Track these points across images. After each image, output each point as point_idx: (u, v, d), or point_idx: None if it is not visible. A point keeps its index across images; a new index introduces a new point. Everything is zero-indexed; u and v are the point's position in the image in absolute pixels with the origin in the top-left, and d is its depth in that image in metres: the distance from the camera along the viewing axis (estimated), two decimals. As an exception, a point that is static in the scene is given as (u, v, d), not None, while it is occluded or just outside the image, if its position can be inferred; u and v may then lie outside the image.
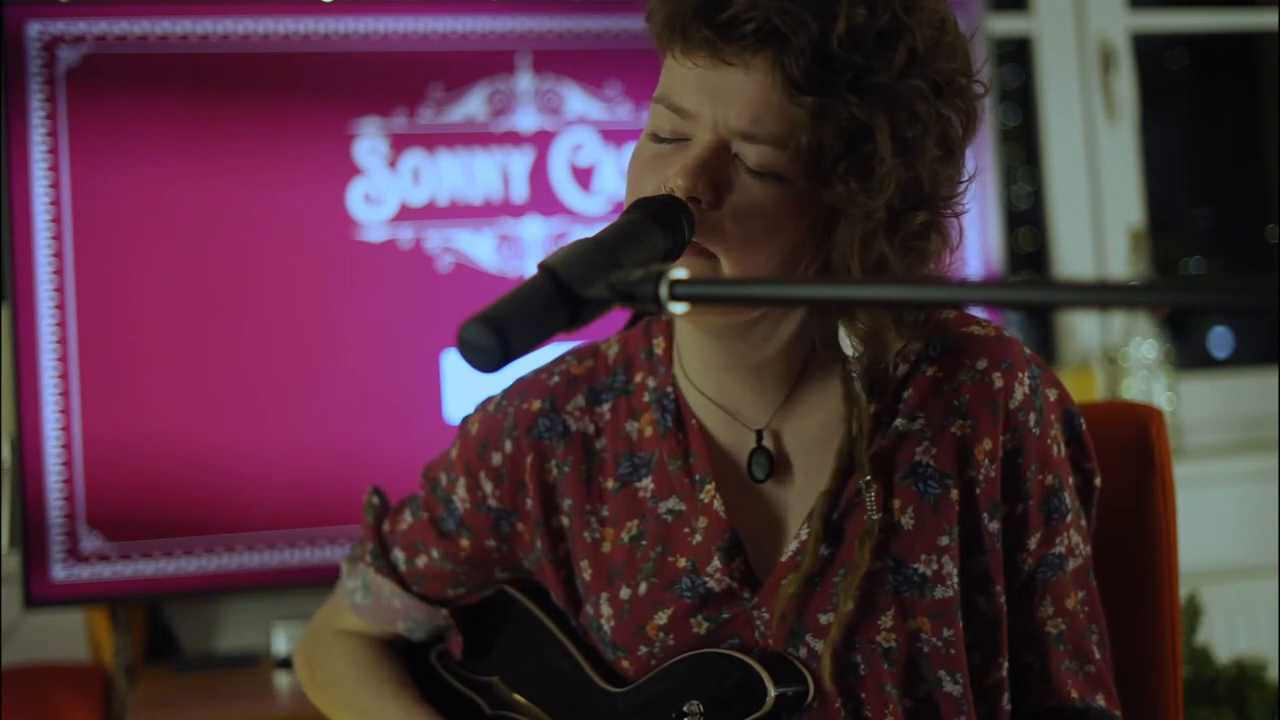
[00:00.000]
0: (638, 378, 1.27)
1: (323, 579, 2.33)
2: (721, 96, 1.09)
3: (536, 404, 1.28)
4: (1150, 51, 3.27)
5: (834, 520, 1.18)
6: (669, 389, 1.25)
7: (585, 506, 1.26)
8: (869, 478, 1.17)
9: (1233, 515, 2.84)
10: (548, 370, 1.31)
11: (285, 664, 2.28)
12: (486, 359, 0.85)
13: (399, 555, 1.36)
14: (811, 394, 1.21)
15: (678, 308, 0.86)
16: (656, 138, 1.13)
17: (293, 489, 2.33)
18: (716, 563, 1.20)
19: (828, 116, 1.06)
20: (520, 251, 2.44)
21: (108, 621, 2.35)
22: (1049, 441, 1.20)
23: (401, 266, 2.39)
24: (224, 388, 2.32)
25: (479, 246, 2.43)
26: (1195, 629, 2.50)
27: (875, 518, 1.16)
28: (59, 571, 2.25)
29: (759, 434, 1.22)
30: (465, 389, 2.38)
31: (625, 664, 1.24)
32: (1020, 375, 1.19)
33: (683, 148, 1.11)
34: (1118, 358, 2.88)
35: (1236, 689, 2.44)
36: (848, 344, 1.18)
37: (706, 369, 1.22)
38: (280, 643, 2.31)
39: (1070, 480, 1.22)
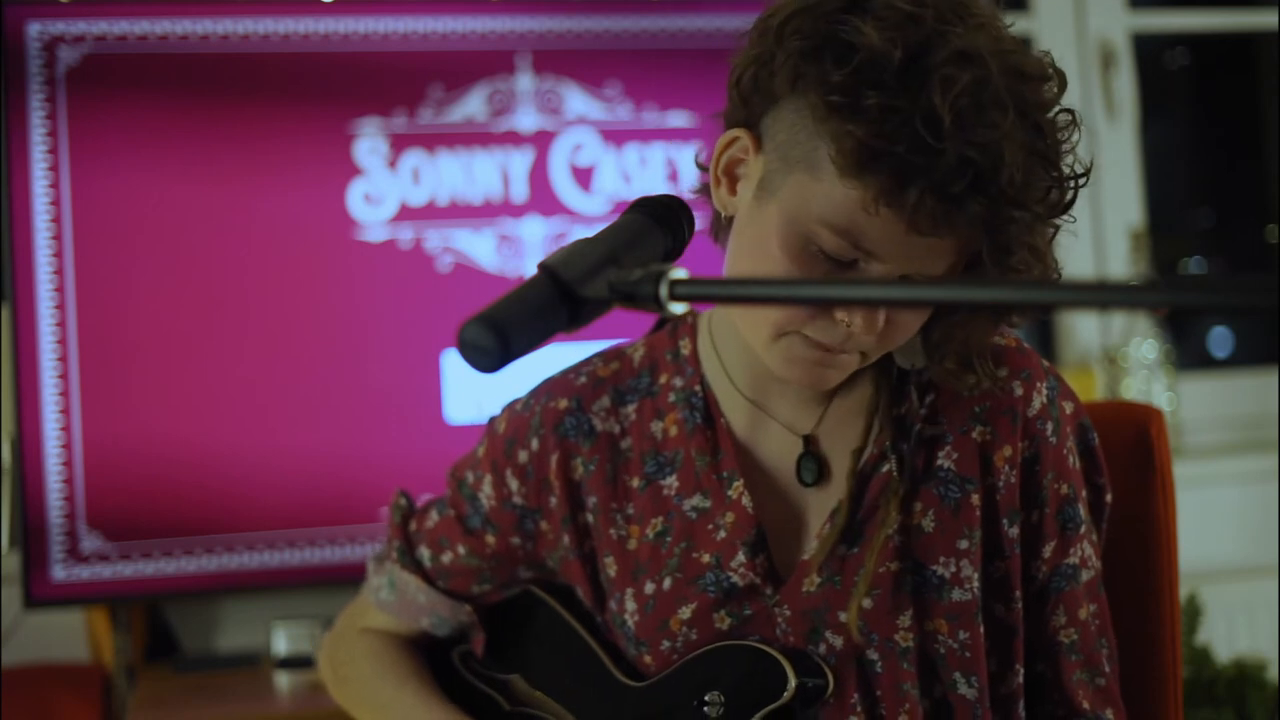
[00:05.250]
0: (662, 379, 1.29)
1: (323, 579, 2.34)
2: (913, 256, 1.09)
3: (563, 403, 1.30)
4: (1150, 51, 3.27)
5: (857, 521, 1.20)
6: (697, 388, 1.27)
7: (611, 504, 1.27)
8: (898, 474, 1.19)
9: (1233, 515, 2.84)
10: (575, 371, 1.33)
11: (285, 664, 2.28)
12: (486, 359, 0.85)
13: (424, 552, 1.37)
14: (842, 397, 1.24)
15: (678, 308, 0.86)
16: (821, 250, 1.10)
17: (293, 489, 2.33)
18: (741, 557, 1.21)
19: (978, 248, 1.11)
20: (520, 251, 2.44)
21: (108, 621, 2.35)
22: (1065, 452, 1.22)
23: (401, 266, 2.39)
24: (224, 388, 2.32)
25: (479, 246, 2.43)
26: (1195, 629, 2.50)
27: (896, 517, 1.19)
28: (59, 571, 2.25)
29: (806, 439, 1.24)
30: (465, 389, 2.38)
31: (648, 659, 1.25)
32: (1039, 385, 1.21)
33: (846, 267, 1.11)
34: (1118, 358, 2.88)
35: (1236, 689, 2.44)
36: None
37: (755, 376, 1.24)
38: (280, 643, 2.30)
39: (1083, 493, 1.24)
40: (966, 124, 1.03)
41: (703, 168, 1.24)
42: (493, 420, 1.36)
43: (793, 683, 1.16)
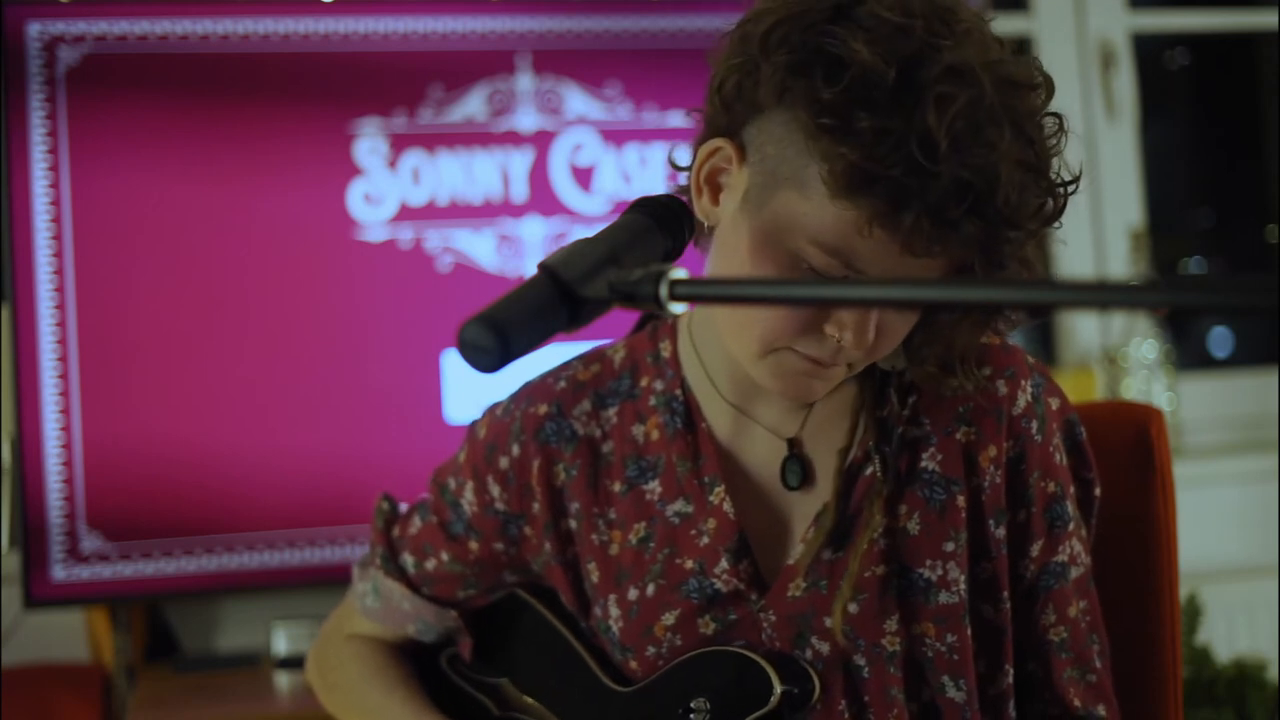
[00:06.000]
0: (643, 382, 1.28)
1: (323, 579, 2.33)
2: (905, 274, 1.08)
3: (543, 408, 1.29)
4: (1150, 51, 3.27)
5: (842, 525, 1.19)
6: (678, 392, 1.25)
7: (593, 509, 1.26)
8: (881, 476, 1.18)
9: (1233, 515, 2.84)
10: (554, 375, 1.31)
11: (285, 664, 2.28)
12: (486, 359, 0.85)
13: (408, 559, 1.36)
14: (826, 400, 1.22)
15: (678, 308, 0.86)
16: (810, 267, 1.09)
17: (293, 489, 2.33)
18: (724, 564, 1.20)
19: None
20: (520, 251, 2.44)
21: (108, 621, 2.35)
22: (1051, 449, 1.21)
23: (401, 266, 2.39)
24: (224, 388, 2.32)
25: (479, 246, 2.43)
26: (1195, 629, 2.50)
27: (880, 520, 1.18)
28: (59, 571, 2.25)
29: (790, 442, 1.23)
30: (465, 389, 2.38)
31: (633, 664, 1.24)
32: (1023, 383, 1.20)
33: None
34: (1118, 358, 2.88)
35: (1236, 689, 2.44)
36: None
37: (737, 380, 1.22)
38: (280, 643, 2.30)
39: (1071, 490, 1.23)
40: (963, 146, 1.01)
41: (678, 167, 1.22)
42: (473, 425, 1.34)
43: (778, 689, 1.16)
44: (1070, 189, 1.11)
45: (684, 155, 1.22)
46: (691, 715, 1.19)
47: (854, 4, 1.06)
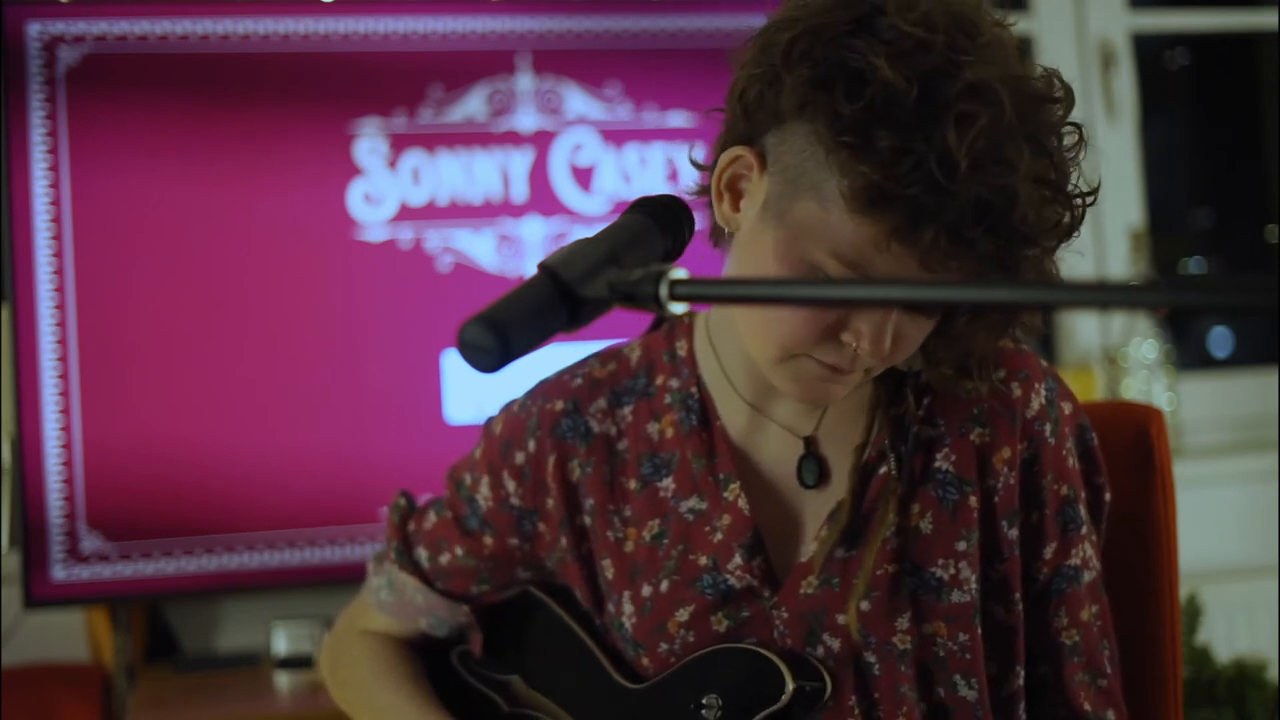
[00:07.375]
0: (659, 380, 1.29)
1: (323, 579, 2.34)
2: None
3: (559, 404, 1.30)
4: (1150, 51, 3.27)
5: (855, 523, 1.20)
6: (693, 389, 1.26)
7: (608, 506, 1.27)
8: (895, 474, 1.19)
9: (1233, 515, 2.84)
10: (571, 372, 1.32)
11: (285, 664, 2.28)
12: (486, 359, 0.85)
13: (422, 553, 1.38)
14: (842, 398, 1.23)
15: (678, 308, 0.86)
16: (825, 274, 1.09)
17: (293, 489, 2.33)
18: (738, 560, 1.21)
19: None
20: (520, 251, 2.44)
21: (108, 621, 2.35)
22: (1064, 453, 1.22)
23: (401, 266, 2.39)
24: (224, 388, 2.32)
25: (479, 246, 2.43)
26: (1195, 629, 2.50)
27: (893, 518, 1.19)
28: (59, 571, 2.25)
29: (807, 441, 1.23)
30: (465, 389, 2.38)
31: (645, 661, 1.25)
32: (1037, 386, 1.21)
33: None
34: (1118, 358, 2.88)
35: (1236, 689, 2.44)
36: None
37: (755, 378, 1.23)
38: (280, 643, 2.30)
39: (1083, 494, 1.24)
40: (982, 166, 1.02)
41: (699, 166, 1.23)
42: (490, 422, 1.36)
43: (790, 686, 1.16)
44: (1089, 200, 1.11)
45: (701, 154, 1.24)
46: (703, 712, 1.19)
47: (875, 15, 1.06)
